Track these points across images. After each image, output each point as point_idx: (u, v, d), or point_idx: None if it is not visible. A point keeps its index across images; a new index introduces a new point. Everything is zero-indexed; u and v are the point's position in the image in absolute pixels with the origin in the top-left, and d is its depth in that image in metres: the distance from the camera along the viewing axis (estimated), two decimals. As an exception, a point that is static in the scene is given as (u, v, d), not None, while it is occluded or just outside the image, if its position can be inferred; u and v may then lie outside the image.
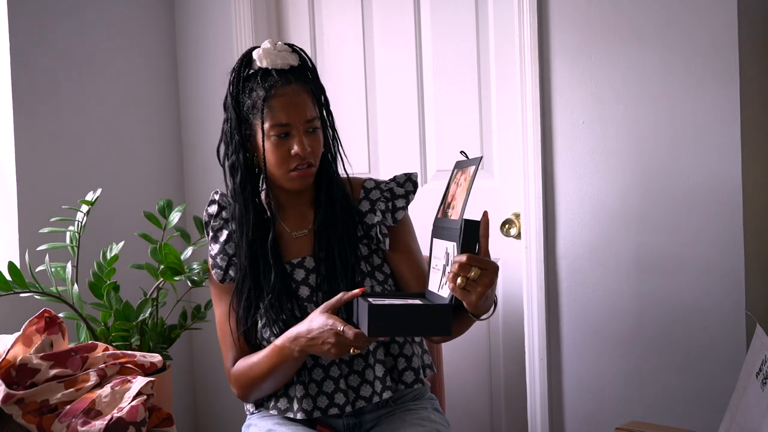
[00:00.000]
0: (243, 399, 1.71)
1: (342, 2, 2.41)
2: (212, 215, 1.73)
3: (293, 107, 1.60)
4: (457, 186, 1.49)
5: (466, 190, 1.43)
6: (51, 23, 2.21)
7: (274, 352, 1.58)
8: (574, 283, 2.03)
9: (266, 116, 1.59)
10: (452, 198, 1.49)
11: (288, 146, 1.60)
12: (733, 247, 1.83)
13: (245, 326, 1.66)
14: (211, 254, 1.71)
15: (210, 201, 1.74)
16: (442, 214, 1.52)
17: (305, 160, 1.61)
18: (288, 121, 1.59)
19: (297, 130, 1.60)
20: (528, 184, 2.05)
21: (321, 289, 1.65)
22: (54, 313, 1.65)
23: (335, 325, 1.46)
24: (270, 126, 1.60)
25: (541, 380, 2.07)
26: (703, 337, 1.88)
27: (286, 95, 1.60)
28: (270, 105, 1.60)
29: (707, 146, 1.85)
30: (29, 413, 1.48)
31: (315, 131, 1.63)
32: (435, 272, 1.51)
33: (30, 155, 2.14)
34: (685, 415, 1.90)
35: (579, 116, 1.99)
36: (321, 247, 1.66)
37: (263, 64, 1.62)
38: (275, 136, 1.60)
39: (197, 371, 2.64)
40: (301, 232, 1.70)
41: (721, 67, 1.82)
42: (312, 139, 1.62)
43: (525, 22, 2.02)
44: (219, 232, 1.71)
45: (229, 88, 1.66)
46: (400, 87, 2.33)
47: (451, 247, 1.43)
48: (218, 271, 1.70)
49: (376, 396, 1.64)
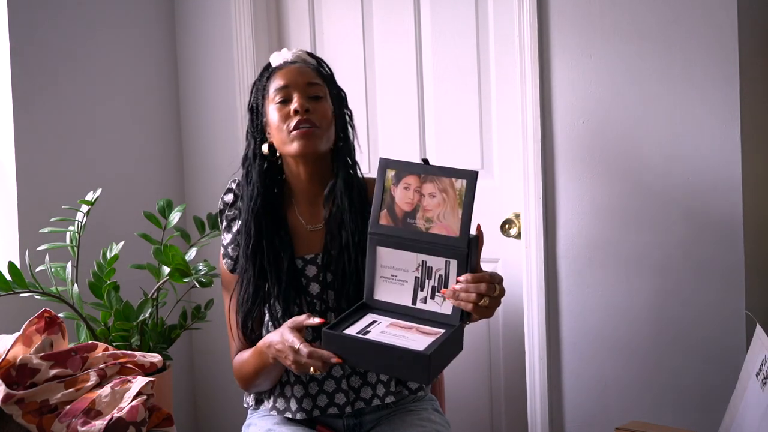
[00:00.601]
0: (244, 390, 1.72)
1: (342, 2, 2.41)
2: (228, 204, 1.73)
3: (293, 73, 1.65)
4: (431, 197, 1.43)
5: (462, 205, 1.40)
6: (51, 23, 2.21)
7: (256, 353, 1.58)
8: (574, 283, 2.03)
9: (269, 88, 1.65)
10: (428, 210, 1.43)
11: (288, 109, 1.62)
12: (732, 247, 1.83)
13: (249, 317, 1.65)
14: (223, 243, 1.72)
15: (227, 189, 1.75)
16: (401, 224, 1.44)
17: (305, 118, 1.60)
18: (287, 83, 1.63)
19: (297, 92, 1.62)
20: (528, 184, 2.05)
21: (332, 287, 1.64)
22: (54, 313, 1.64)
23: (293, 343, 1.45)
24: (273, 93, 1.63)
25: (541, 380, 2.07)
26: (703, 337, 1.88)
27: (288, 67, 1.67)
28: (272, 76, 1.66)
29: (707, 146, 1.85)
30: (29, 413, 1.48)
31: (318, 99, 1.64)
32: (395, 284, 1.45)
33: (30, 155, 2.14)
34: (685, 415, 1.90)
35: (579, 116, 1.99)
36: (333, 245, 1.64)
37: (276, 62, 1.69)
38: (278, 101, 1.63)
39: (197, 371, 2.64)
40: (316, 226, 1.68)
41: (721, 67, 1.82)
42: (314, 104, 1.62)
43: (525, 22, 2.02)
44: (233, 222, 1.71)
45: (250, 93, 1.72)
46: (400, 87, 2.33)
47: (442, 262, 1.41)
48: (228, 260, 1.70)
49: (376, 399, 1.64)
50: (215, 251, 2.24)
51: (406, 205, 1.44)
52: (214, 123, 2.54)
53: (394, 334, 1.40)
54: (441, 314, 1.42)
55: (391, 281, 1.46)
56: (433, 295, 1.44)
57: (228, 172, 2.50)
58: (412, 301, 1.44)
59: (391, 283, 1.46)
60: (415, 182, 1.44)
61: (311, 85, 1.63)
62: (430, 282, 1.42)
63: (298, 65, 1.67)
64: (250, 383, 1.65)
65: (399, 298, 1.45)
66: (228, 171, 2.49)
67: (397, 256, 1.45)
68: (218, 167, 2.54)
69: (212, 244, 2.13)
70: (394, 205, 1.45)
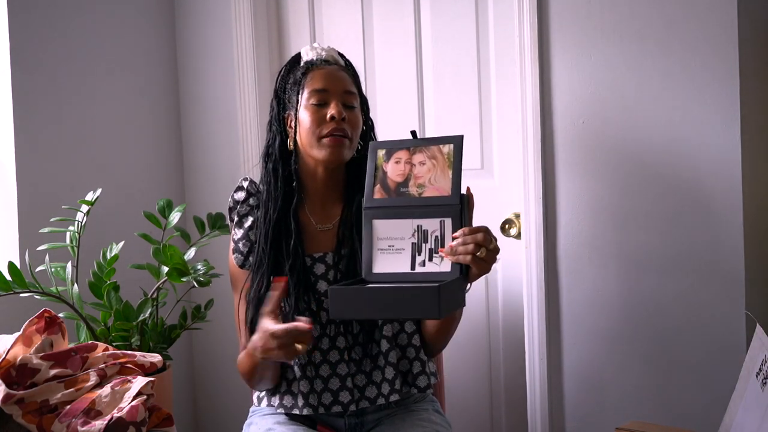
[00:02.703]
0: (250, 388, 1.72)
1: (342, 3, 2.41)
2: (238, 201, 1.74)
3: (332, 77, 1.64)
4: (421, 165, 1.48)
5: (452, 167, 1.44)
6: (51, 23, 2.21)
7: (247, 354, 1.57)
8: (574, 283, 2.03)
9: (305, 85, 1.63)
10: (419, 177, 1.47)
11: (324, 113, 1.62)
12: (732, 247, 1.83)
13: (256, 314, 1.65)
14: (234, 239, 1.72)
15: (237, 187, 1.75)
16: (395, 194, 1.48)
17: (340, 127, 1.61)
18: (326, 87, 1.62)
19: (335, 99, 1.62)
20: (528, 184, 2.05)
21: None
22: (54, 313, 1.65)
23: (268, 328, 1.45)
24: (309, 93, 1.62)
25: (541, 380, 2.07)
26: (703, 337, 1.88)
27: (326, 69, 1.66)
28: (310, 75, 1.65)
29: (707, 146, 1.85)
30: (29, 413, 1.48)
31: (353, 108, 1.65)
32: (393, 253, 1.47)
33: (30, 155, 2.14)
34: (685, 415, 1.90)
35: (579, 116, 1.99)
36: (344, 245, 1.65)
37: (307, 57, 1.68)
38: (313, 104, 1.62)
39: (197, 371, 2.64)
40: (326, 226, 1.69)
41: (721, 67, 1.82)
42: (349, 113, 1.63)
43: (525, 22, 2.02)
44: (245, 218, 1.71)
45: (276, 83, 1.71)
46: (400, 87, 2.33)
47: (437, 223, 1.43)
48: (239, 256, 1.71)
49: (380, 398, 1.64)
50: (215, 251, 2.25)
51: (398, 176, 1.49)
52: (214, 123, 2.54)
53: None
54: (441, 273, 1.44)
55: (388, 252, 1.48)
56: (431, 257, 1.45)
57: (228, 172, 2.52)
58: (411, 266, 1.46)
59: (388, 253, 1.48)
60: (405, 155, 1.50)
61: (348, 94, 1.64)
62: (427, 245, 1.45)
63: (334, 68, 1.67)
64: (251, 382, 1.65)
65: (397, 266, 1.46)
66: (228, 171, 2.51)
67: (393, 226, 1.48)
68: (218, 167, 2.54)
69: (212, 244, 2.13)
70: (386, 179, 1.50)
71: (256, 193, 1.73)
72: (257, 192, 1.73)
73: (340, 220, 1.68)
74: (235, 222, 1.73)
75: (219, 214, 2.06)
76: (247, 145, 2.47)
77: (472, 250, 1.39)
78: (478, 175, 2.23)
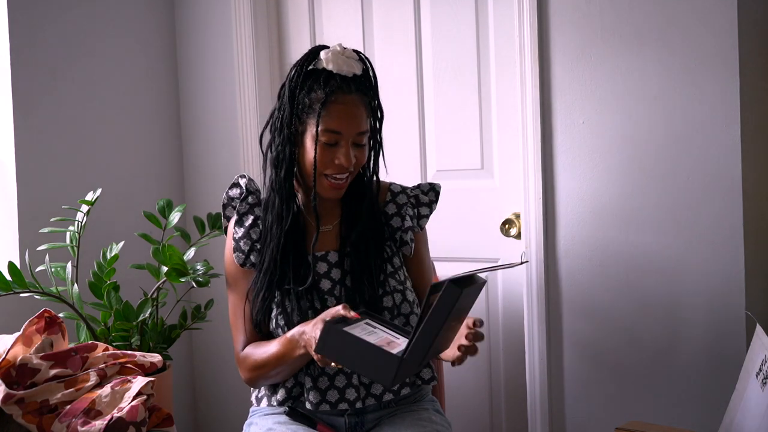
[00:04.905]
0: (249, 383, 1.71)
1: (342, 3, 2.41)
2: (233, 198, 1.73)
3: (348, 118, 1.61)
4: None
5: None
6: (51, 22, 2.21)
7: (284, 341, 1.58)
8: (574, 283, 2.03)
9: (321, 119, 1.59)
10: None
11: (333, 154, 1.61)
12: (733, 247, 1.83)
13: (261, 314, 1.65)
14: (234, 237, 1.71)
15: (233, 184, 1.74)
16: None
17: (345, 171, 1.62)
18: (340, 129, 1.60)
19: (346, 141, 1.61)
20: (528, 184, 2.05)
21: (343, 284, 1.65)
22: (54, 313, 1.65)
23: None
24: (322, 130, 1.60)
25: (541, 380, 2.07)
26: (703, 337, 1.88)
27: (344, 104, 1.60)
28: (327, 109, 1.59)
29: (707, 146, 1.85)
30: (29, 413, 1.48)
31: (362, 147, 1.65)
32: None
33: (30, 155, 2.14)
34: (686, 415, 1.90)
35: (579, 116, 1.99)
36: (348, 243, 1.67)
37: (329, 67, 1.61)
38: (324, 142, 1.60)
39: (197, 371, 2.64)
40: (327, 227, 1.70)
41: (721, 67, 1.82)
42: (358, 152, 1.64)
43: (525, 22, 2.02)
44: (245, 216, 1.71)
45: (289, 80, 1.64)
46: (400, 87, 2.33)
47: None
48: (240, 254, 1.70)
49: (388, 394, 1.65)
50: (215, 251, 2.25)
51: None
52: (214, 123, 2.54)
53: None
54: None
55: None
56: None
57: (228, 172, 2.52)
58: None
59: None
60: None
61: (360, 134, 1.63)
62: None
63: (355, 99, 1.62)
64: (264, 374, 1.64)
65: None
66: (228, 171, 2.51)
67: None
68: (218, 167, 2.54)
69: (212, 244, 2.14)
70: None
71: (255, 191, 1.73)
72: (256, 191, 1.73)
73: (341, 220, 1.70)
74: (234, 220, 1.73)
75: (219, 214, 2.06)
76: (247, 145, 2.47)
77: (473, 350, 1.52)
78: (478, 175, 2.23)
